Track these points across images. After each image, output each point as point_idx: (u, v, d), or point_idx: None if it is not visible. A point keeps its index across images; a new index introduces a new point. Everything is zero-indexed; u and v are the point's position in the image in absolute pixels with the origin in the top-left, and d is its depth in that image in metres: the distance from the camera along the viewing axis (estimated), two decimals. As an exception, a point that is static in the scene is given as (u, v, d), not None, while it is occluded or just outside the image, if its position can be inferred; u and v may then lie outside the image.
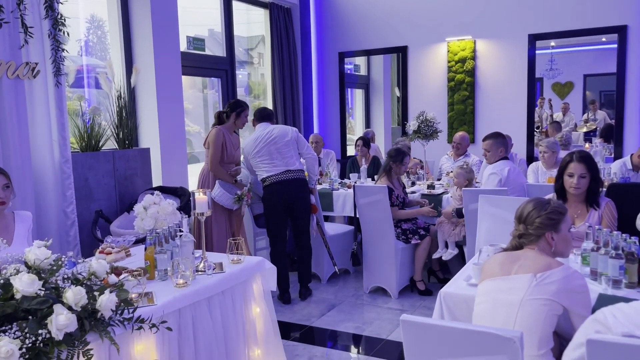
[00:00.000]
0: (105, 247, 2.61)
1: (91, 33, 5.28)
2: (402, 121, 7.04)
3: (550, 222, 2.05)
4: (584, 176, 2.93)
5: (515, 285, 1.91)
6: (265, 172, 4.37)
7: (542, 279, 1.89)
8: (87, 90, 5.14)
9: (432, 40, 6.70)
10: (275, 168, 4.35)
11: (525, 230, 2.07)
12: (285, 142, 4.37)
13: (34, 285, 1.66)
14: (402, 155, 4.59)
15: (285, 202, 4.37)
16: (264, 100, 7.18)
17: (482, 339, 1.45)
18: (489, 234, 3.50)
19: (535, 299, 1.85)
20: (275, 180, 4.34)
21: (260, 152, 4.36)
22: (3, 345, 1.51)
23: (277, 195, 4.36)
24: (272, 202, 4.39)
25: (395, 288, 4.52)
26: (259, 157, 4.37)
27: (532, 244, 2.06)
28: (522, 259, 2.00)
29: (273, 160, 4.35)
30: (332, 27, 7.33)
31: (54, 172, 3.87)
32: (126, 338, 2.04)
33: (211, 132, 4.49)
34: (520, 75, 6.29)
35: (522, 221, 2.09)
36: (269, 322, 2.85)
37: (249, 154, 4.42)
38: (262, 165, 4.37)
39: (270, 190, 4.37)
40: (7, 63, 3.53)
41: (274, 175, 4.34)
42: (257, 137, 4.39)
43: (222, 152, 4.42)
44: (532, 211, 2.08)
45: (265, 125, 4.45)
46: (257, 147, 4.36)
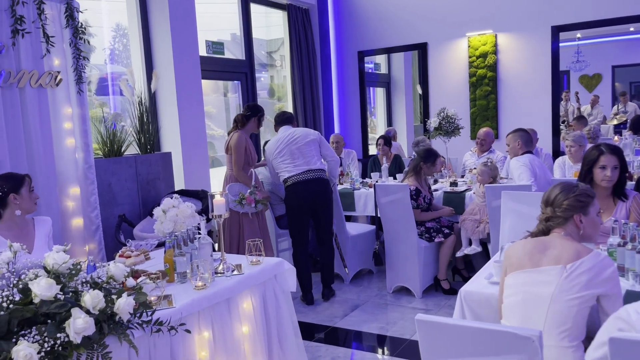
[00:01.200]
0: (124, 250, 2.65)
1: (117, 41, 5.37)
2: (424, 119, 6.96)
3: (579, 204, 2.03)
4: (616, 167, 2.86)
5: (546, 278, 1.87)
6: (286, 173, 4.38)
7: (573, 269, 1.86)
8: (111, 97, 5.23)
9: (452, 36, 6.61)
10: (297, 168, 4.35)
11: (553, 213, 2.04)
12: (306, 142, 4.39)
13: (51, 290, 1.68)
14: (434, 157, 4.55)
15: (307, 201, 4.37)
16: (286, 103, 7.19)
17: (499, 338, 1.41)
18: (512, 230, 3.43)
19: (566, 292, 1.83)
20: (296, 180, 4.34)
21: (282, 152, 4.37)
22: (22, 349, 1.53)
23: (299, 195, 4.35)
24: (294, 202, 4.39)
25: (419, 287, 4.47)
26: (280, 158, 4.38)
27: (559, 227, 2.04)
28: (550, 247, 1.96)
29: (294, 160, 4.36)
30: (350, 26, 7.30)
31: (78, 178, 3.94)
32: (145, 341, 2.05)
33: (233, 136, 4.46)
34: (544, 69, 6.16)
35: (550, 204, 2.07)
36: (289, 322, 2.84)
37: (270, 155, 4.44)
38: (284, 165, 4.38)
39: (292, 190, 4.37)
40: (30, 72, 3.60)
41: (296, 175, 4.35)
42: (279, 139, 4.42)
43: (245, 155, 4.43)
44: (559, 194, 2.05)
45: (287, 127, 4.48)
46: (279, 147, 4.38)
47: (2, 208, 2.73)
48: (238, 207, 4.30)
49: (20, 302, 1.69)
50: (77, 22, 3.89)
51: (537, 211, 3.46)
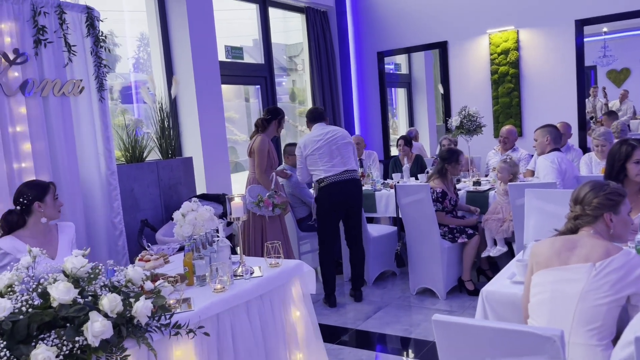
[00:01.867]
0: (144, 254, 2.67)
1: (141, 50, 5.46)
2: (445, 118, 6.88)
3: (609, 203, 1.99)
4: None
5: (574, 276, 1.82)
6: (323, 172, 4.36)
7: (602, 268, 1.82)
8: (135, 105, 5.31)
9: (472, 34, 6.52)
10: (334, 168, 4.35)
11: (582, 211, 2.00)
12: (345, 142, 4.42)
13: (69, 293, 1.70)
14: (457, 155, 4.49)
15: (341, 202, 4.38)
16: (307, 106, 7.19)
17: (520, 339, 1.37)
18: (537, 229, 3.35)
19: (595, 291, 1.78)
20: (333, 180, 4.33)
21: (321, 150, 4.34)
22: (40, 353, 1.55)
23: (335, 196, 4.35)
24: (329, 202, 4.38)
25: (442, 289, 4.40)
26: (318, 156, 4.35)
27: (588, 225, 2.00)
28: (579, 246, 1.92)
29: (332, 160, 4.35)
30: (369, 27, 7.27)
31: (101, 184, 4.00)
32: (164, 344, 2.05)
33: (256, 140, 4.44)
34: (568, 64, 6.02)
35: (579, 202, 2.03)
36: (310, 325, 2.82)
37: (305, 151, 4.39)
38: (321, 164, 4.36)
39: (326, 190, 4.36)
40: (53, 81, 3.67)
41: (333, 175, 4.34)
42: (317, 135, 4.39)
43: (267, 159, 4.43)
44: (589, 192, 2.01)
45: (322, 125, 4.47)
46: (318, 144, 4.35)
47: (27, 215, 2.78)
48: (255, 208, 4.28)
49: (39, 307, 1.71)
50: (97, 30, 3.95)
51: (562, 209, 3.38)
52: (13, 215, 2.78)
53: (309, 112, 4.59)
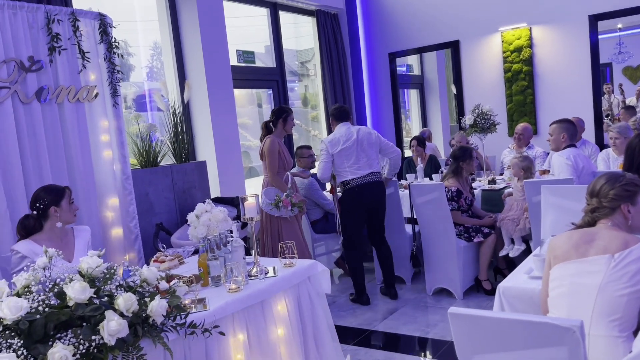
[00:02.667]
0: (159, 255, 2.68)
1: (154, 59, 5.50)
2: (459, 117, 6.84)
3: (627, 194, 1.97)
4: None
5: (593, 268, 1.80)
6: (349, 174, 4.37)
7: (621, 259, 1.79)
8: (149, 113, 5.36)
9: (484, 32, 6.47)
10: (360, 171, 4.37)
11: (599, 204, 1.98)
12: (369, 143, 4.42)
13: (85, 293, 1.71)
14: (469, 151, 4.48)
15: (367, 203, 4.39)
16: (319, 110, 7.19)
17: (538, 330, 1.34)
18: (554, 225, 3.30)
19: (615, 282, 1.76)
20: (359, 182, 4.36)
21: (348, 151, 4.36)
22: (57, 352, 1.56)
23: (360, 197, 4.37)
24: (355, 204, 4.39)
25: (459, 289, 4.36)
26: (345, 157, 4.37)
27: (606, 217, 1.97)
28: (597, 238, 1.90)
29: (359, 162, 4.38)
30: (380, 28, 7.26)
31: (116, 188, 4.03)
32: (180, 344, 2.06)
33: (265, 142, 4.43)
34: (582, 60, 5.95)
35: (595, 195, 2.00)
36: (325, 325, 2.81)
37: (333, 150, 4.37)
38: (347, 165, 4.38)
39: (352, 192, 4.37)
40: (68, 88, 3.72)
41: (358, 178, 4.37)
42: (345, 135, 4.39)
43: (279, 160, 4.42)
44: (605, 184, 1.99)
45: (347, 124, 4.48)
46: (346, 144, 4.37)
47: (44, 220, 2.81)
48: (274, 210, 4.25)
49: (56, 306, 1.72)
50: (110, 37, 3.99)
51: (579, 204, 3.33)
52: (30, 220, 2.82)
53: (335, 110, 4.56)
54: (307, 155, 5.19)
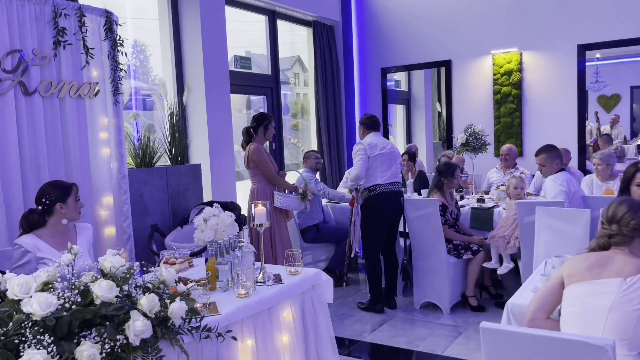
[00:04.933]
0: (169, 257, 2.66)
1: (134, 57, 5.43)
2: (448, 135, 6.97)
3: None
4: None
5: (605, 289, 1.87)
6: (379, 179, 4.46)
7: (632, 282, 1.87)
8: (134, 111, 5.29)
9: (476, 54, 6.63)
10: (389, 178, 4.48)
11: (619, 231, 2.04)
12: (396, 156, 4.61)
13: (112, 291, 1.70)
14: (453, 169, 4.56)
15: (391, 210, 4.49)
16: (302, 119, 7.24)
17: (570, 348, 1.40)
18: (547, 246, 3.41)
19: (626, 304, 1.83)
20: (387, 189, 4.46)
21: (383, 158, 4.47)
22: (85, 350, 1.55)
23: (386, 204, 4.46)
24: (381, 210, 4.47)
25: (447, 304, 4.43)
26: (380, 162, 4.45)
27: (623, 245, 2.03)
28: (611, 262, 1.97)
29: (389, 169, 4.50)
30: (374, 43, 7.36)
31: (112, 187, 3.99)
32: (193, 347, 2.06)
33: (250, 148, 4.43)
34: (569, 87, 6.15)
35: (616, 222, 2.05)
36: (326, 334, 2.83)
37: (371, 153, 4.43)
38: (379, 170, 4.45)
39: (378, 198, 4.44)
40: (70, 83, 3.68)
41: (387, 184, 4.47)
42: (379, 142, 4.51)
43: (272, 164, 4.45)
44: (627, 213, 2.04)
45: (378, 134, 4.60)
46: (381, 151, 4.47)
47: (48, 215, 2.77)
48: (303, 204, 4.46)
49: (80, 304, 1.70)
50: (115, 34, 3.97)
51: (571, 227, 3.45)
52: (34, 215, 2.77)
53: (367, 119, 4.64)
54: (313, 157, 5.37)
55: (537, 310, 2.04)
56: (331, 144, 6.96)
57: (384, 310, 4.53)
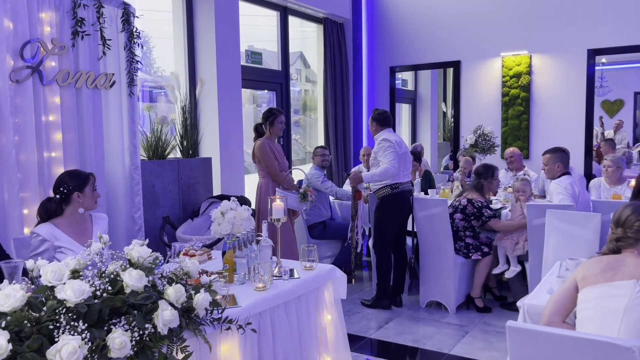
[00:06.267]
0: (188, 249, 2.69)
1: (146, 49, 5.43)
2: (455, 136, 6.99)
3: None
4: None
5: (618, 291, 1.91)
6: (401, 178, 4.48)
7: None
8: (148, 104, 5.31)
9: (486, 55, 6.66)
10: (405, 177, 4.52)
11: (624, 234, 2.09)
12: (409, 154, 4.63)
13: (142, 281, 1.72)
14: (493, 170, 4.56)
15: (407, 209, 4.54)
16: (304, 115, 7.25)
17: (597, 349, 1.43)
18: (557, 249, 3.44)
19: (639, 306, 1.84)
20: (404, 188, 4.50)
21: (405, 157, 4.51)
22: (117, 337, 1.57)
23: (404, 202, 4.49)
24: (399, 208, 4.50)
25: (453, 303, 4.46)
26: (402, 160, 4.47)
27: (631, 247, 2.08)
28: (623, 265, 2.01)
29: (408, 169, 4.55)
30: (383, 42, 7.38)
31: (125, 178, 4.01)
32: (214, 338, 2.08)
33: (256, 144, 4.47)
34: (578, 91, 6.18)
35: (621, 225, 2.11)
36: (339, 330, 2.86)
37: (398, 151, 4.43)
38: (402, 169, 4.47)
39: (398, 196, 4.46)
40: (87, 73, 3.69)
41: (405, 183, 4.51)
42: (400, 141, 4.54)
43: (276, 161, 4.46)
44: (630, 215, 2.09)
45: (392, 131, 4.61)
46: (403, 150, 4.51)
47: (65, 204, 2.79)
48: (302, 204, 4.42)
49: (109, 292, 1.73)
50: (132, 26, 3.99)
51: (581, 230, 3.48)
52: (52, 204, 2.79)
53: (379, 115, 4.58)
54: (320, 154, 5.39)
55: (553, 314, 2.07)
56: (338, 141, 6.98)
57: (390, 307, 4.56)
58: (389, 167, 4.32)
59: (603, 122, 8.46)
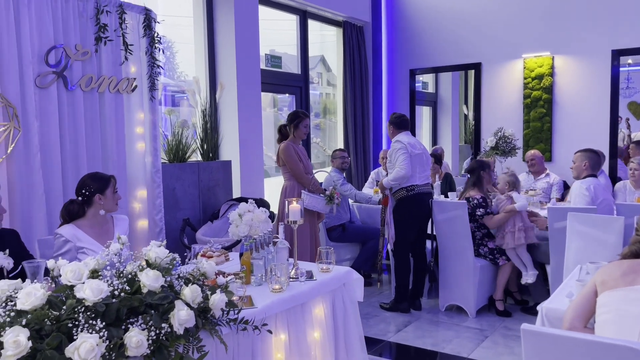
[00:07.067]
0: (206, 251, 2.73)
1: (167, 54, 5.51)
2: (476, 138, 6.93)
3: None
4: None
5: (639, 296, 1.86)
6: (417, 180, 4.49)
7: None
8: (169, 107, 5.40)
9: (507, 57, 6.58)
10: (423, 180, 4.52)
11: None
12: (428, 156, 4.65)
13: (158, 281, 1.75)
14: (487, 162, 4.65)
15: (425, 211, 4.52)
16: (324, 118, 7.27)
17: (613, 353, 1.40)
18: (579, 252, 3.39)
19: None
20: (423, 190, 4.51)
21: (420, 158, 4.51)
22: (134, 336, 1.60)
23: (421, 204, 4.50)
24: (416, 210, 4.50)
25: (473, 307, 4.42)
26: (417, 162, 4.48)
27: None
28: None
29: (425, 171, 4.56)
30: (403, 44, 7.36)
31: (146, 181, 4.08)
32: (230, 338, 2.11)
33: (280, 148, 4.48)
34: (603, 93, 6.06)
35: None
36: (356, 332, 2.86)
37: (412, 151, 4.44)
38: (417, 171, 4.48)
39: (416, 198, 4.47)
40: (110, 78, 3.77)
41: (423, 185, 4.51)
42: (416, 142, 4.54)
43: (301, 163, 4.47)
44: None
45: (409, 134, 4.63)
46: (418, 151, 4.50)
47: (87, 206, 2.85)
48: (328, 207, 4.41)
49: (127, 292, 1.76)
50: (153, 31, 4.06)
51: (603, 234, 3.42)
52: (74, 205, 2.86)
53: (396, 118, 4.63)
54: (339, 157, 5.40)
55: (574, 319, 2.03)
56: (357, 144, 6.98)
57: (409, 310, 4.54)
58: (399, 170, 4.38)
59: (630, 124, 8.28)
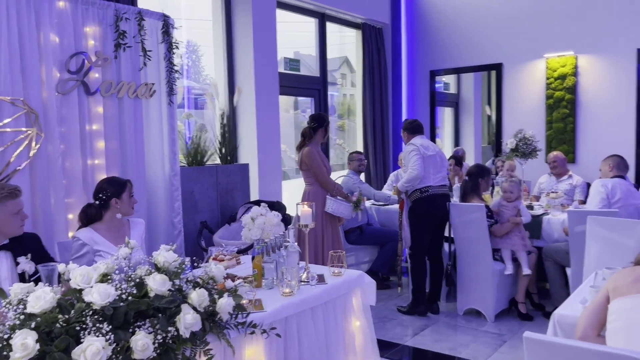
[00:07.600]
0: (217, 254, 2.76)
1: (187, 57, 5.60)
2: (497, 140, 6.84)
3: None
4: None
5: None
6: (431, 181, 4.49)
7: None
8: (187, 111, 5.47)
9: (529, 57, 6.49)
10: (438, 181, 4.52)
11: None
12: (443, 159, 4.64)
13: (165, 285, 1.79)
14: (488, 170, 4.67)
15: (440, 213, 4.50)
16: (348, 119, 7.26)
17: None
18: (599, 257, 3.31)
19: None
20: (437, 192, 4.50)
21: (434, 160, 4.51)
22: (140, 339, 1.64)
23: (436, 206, 4.49)
24: (430, 211, 4.49)
25: (491, 311, 4.36)
26: (431, 163, 4.49)
27: None
28: None
29: (440, 172, 4.55)
30: (423, 45, 7.31)
31: (164, 184, 4.14)
32: (239, 342, 2.13)
33: (304, 151, 4.43)
34: (628, 92, 5.91)
35: None
36: (368, 336, 2.85)
37: (425, 153, 4.46)
38: (431, 172, 4.48)
39: (429, 200, 4.47)
40: (129, 84, 3.85)
41: (437, 186, 4.50)
42: (429, 144, 4.56)
43: (323, 167, 4.46)
44: None
45: (424, 137, 4.65)
46: (432, 152, 4.52)
47: (104, 210, 2.92)
48: (354, 212, 4.46)
49: (135, 296, 1.80)
50: (171, 37, 4.12)
51: (624, 238, 3.34)
52: (92, 209, 2.92)
53: (409, 124, 4.69)
54: (357, 159, 5.40)
55: (587, 327, 2.00)
56: (377, 146, 6.96)
57: (426, 313, 4.51)
58: (412, 171, 4.40)
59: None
